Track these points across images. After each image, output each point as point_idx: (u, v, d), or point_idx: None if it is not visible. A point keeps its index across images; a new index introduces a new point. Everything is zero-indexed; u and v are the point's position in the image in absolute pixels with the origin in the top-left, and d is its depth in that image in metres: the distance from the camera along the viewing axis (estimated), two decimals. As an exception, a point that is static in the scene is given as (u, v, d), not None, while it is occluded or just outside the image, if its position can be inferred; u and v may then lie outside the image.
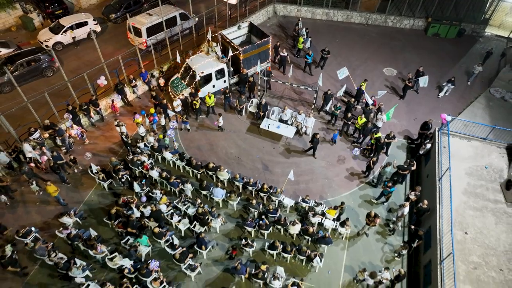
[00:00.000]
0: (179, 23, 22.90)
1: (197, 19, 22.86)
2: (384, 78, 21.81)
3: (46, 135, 16.80)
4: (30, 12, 25.95)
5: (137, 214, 14.27)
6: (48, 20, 26.53)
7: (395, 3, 25.75)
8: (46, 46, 23.76)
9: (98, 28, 25.49)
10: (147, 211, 14.38)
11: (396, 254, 14.18)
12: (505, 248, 12.97)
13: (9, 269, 12.69)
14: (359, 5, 25.61)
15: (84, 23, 24.93)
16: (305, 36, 22.32)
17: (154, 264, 12.83)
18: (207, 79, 18.71)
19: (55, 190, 14.72)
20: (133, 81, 19.63)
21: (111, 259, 13.26)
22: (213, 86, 19.25)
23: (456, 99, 20.61)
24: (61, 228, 14.03)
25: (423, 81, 18.51)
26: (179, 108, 18.30)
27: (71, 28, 24.31)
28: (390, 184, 15.16)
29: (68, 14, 26.90)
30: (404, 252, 13.81)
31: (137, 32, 22.24)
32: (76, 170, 16.42)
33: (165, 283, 12.74)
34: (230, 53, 18.81)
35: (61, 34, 24.05)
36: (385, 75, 22.00)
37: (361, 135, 17.88)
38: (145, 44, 21.95)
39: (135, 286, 12.70)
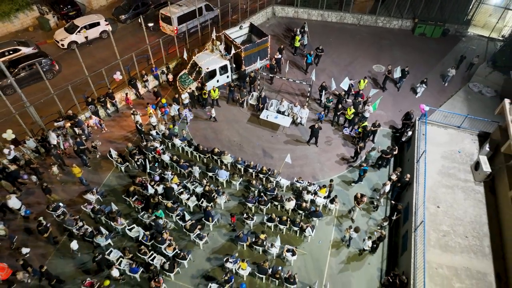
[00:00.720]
0: (204, 13, 25.47)
1: (219, 10, 25.33)
2: (373, 74, 23.84)
3: (68, 124, 18.81)
4: (46, 14, 27.89)
5: (151, 191, 16.31)
6: (62, 20, 28.48)
7: (385, 5, 27.76)
8: (62, 45, 25.84)
9: (109, 28, 27.48)
10: (160, 188, 16.41)
11: (378, 227, 16.20)
12: (471, 219, 14.99)
13: (44, 236, 14.71)
14: (351, 6, 27.57)
15: (97, 24, 26.91)
16: (301, 36, 24.31)
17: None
18: (212, 74, 20.74)
19: (79, 171, 16.75)
20: (145, 76, 21.65)
21: (130, 230, 15.31)
22: (217, 81, 21.28)
23: (438, 93, 22.63)
24: (86, 204, 16.07)
25: (397, 72, 20.86)
26: (187, 101, 20.33)
27: (85, 28, 26.30)
28: (364, 164, 17.29)
29: (80, 15, 28.90)
30: (385, 224, 15.83)
31: (168, 21, 24.76)
32: (97, 155, 18.40)
33: (177, 249, 14.78)
34: (233, 51, 20.83)
35: (76, 34, 26.03)
36: (374, 71, 24.02)
37: (351, 125, 19.90)
38: (176, 31, 24.50)
39: (151, 252, 14.75)
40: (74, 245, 14.68)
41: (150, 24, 27.10)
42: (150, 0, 30.17)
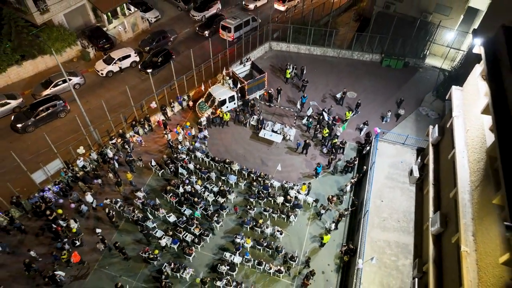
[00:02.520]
0: (251, 24, 35.40)
1: (260, 20, 34.91)
2: (348, 99, 30.65)
3: (119, 140, 25.68)
4: (87, 47, 34.73)
5: (181, 190, 23.18)
6: (99, 52, 35.30)
7: (359, 42, 34.59)
8: (101, 73, 32.68)
9: (137, 59, 34.32)
10: (188, 188, 23.27)
11: (340, 212, 23.04)
12: (403, 209, 21.86)
13: (111, 221, 21.61)
14: (332, 43, 34.38)
15: (128, 56, 33.77)
16: (291, 70, 31.20)
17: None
18: (223, 102, 27.60)
19: (131, 176, 23.63)
20: (172, 103, 28.51)
21: (168, 216, 22.20)
22: (227, 107, 28.13)
23: (395, 116, 29.44)
24: (137, 199, 22.91)
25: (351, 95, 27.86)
26: (204, 122, 27.20)
27: (119, 59, 33.17)
28: (318, 163, 24.20)
29: (113, 46, 35.79)
30: (346, 212, 22.71)
31: (227, 29, 34.37)
32: (140, 165, 25.24)
33: (202, 230, 21.63)
34: (239, 85, 27.69)
35: (112, 65, 32.91)
36: (348, 97, 30.85)
37: (326, 141, 26.76)
38: (232, 37, 34.14)
39: (184, 232, 21.59)
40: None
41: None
42: (169, 33, 37.17)
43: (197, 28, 37.56)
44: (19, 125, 27.03)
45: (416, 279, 18.46)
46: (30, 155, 23.26)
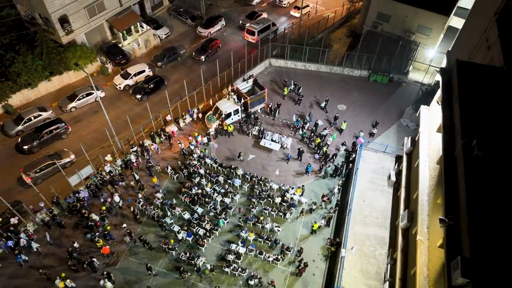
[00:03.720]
0: (272, 28, 41.93)
1: (278, 25, 41.00)
2: (336, 112, 34.70)
3: (139, 149, 29.77)
4: (106, 63, 38.80)
5: (194, 191, 27.25)
6: (116, 66, 39.35)
7: (349, 59, 38.67)
8: (119, 87, 36.72)
9: (151, 73, 38.40)
10: (199, 190, 27.35)
11: (331, 212, 27.09)
12: (382, 208, 25.94)
13: (136, 218, 25.70)
14: (325, 59, 38.46)
15: (142, 71, 37.86)
16: (291, 87, 35.30)
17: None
18: (228, 115, 31.68)
19: (156, 180, 27.73)
20: (184, 115, 32.59)
21: (184, 214, 26.28)
22: (232, 119, 32.21)
23: (380, 126, 33.51)
24: (156, 199, 26.98)
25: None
26: (212, 132, 31.26)
27: (134, 75, 37.25)
28: (309, 163, 28.30)
29: (128, 62, 39.89)
30: (331, 212, 26.80)
31: (252, 33, 40.61)
32: (158, 169, 29.32)
33: (212, 225, 25.71)
34: (243, 100, 31.78)
35: (128, 79, 37.00)
36: (338, 109, 34.93)
37: (318, 149, 30.83)
38: (256, 39, 40.33)
39: (197, 227, 25.67)
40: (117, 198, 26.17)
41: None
42: (178, 49, 41.24)
43: (193, 53, 40.26)
44: (25, 147, 29.69)
45: (389, 265, 22.55)
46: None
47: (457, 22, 36.58)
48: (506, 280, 12.42)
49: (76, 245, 23.90)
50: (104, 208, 25.88)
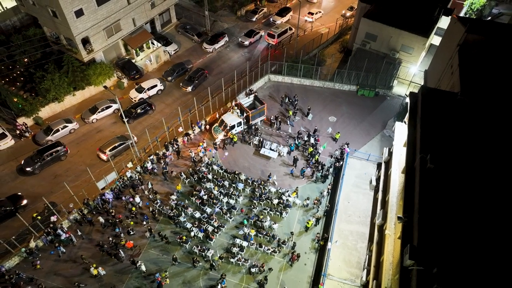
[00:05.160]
0: (289, 32, 49.37)
1: (293, 29, 46.20)
2: (328, 124, 39.23)
3: (155, 157, 34.30)
4: (122, 78, 43.31)
5: (203, 193, 31.79)
6: (130, 81, 43.82)
7: (340, 75, 43.19)
8: (134, 100, 41.20)
9: (162, 87, 42.89)
10: (208, 192, 31.89)
11: (322, 212, 31.58)
12: (364, 208, 30.47)
13: (155, 217, 30.25)
14: (318, 75, 42.99)
15: (155, 85, 42.36)
16: (294, 101, 39.88)
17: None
18: (232, 127, 36.22)
19: (180, 187, 32.21)
20: (193, 126, 37.13)
21: (195, 213, 30.82)
22: (235, 130, 36.75)
23: (365, 136, 38.02)
24: (171, 200, 31.50)
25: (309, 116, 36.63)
26: (218, 142, 35.80)
27: (148, 89, 41.74)
28: (303, 167, 32.88)
29: (141, 76, 44.39)
30: (322, 212, 31.34)
31: (272, 36, 47.62)
32: (172, 174, 33.83)
33: (219, 223, 30.23)
34: (245, 114, 36.33)
35: (143, 93, 41.49)
36: (329, 121, 39.46)
37: (311, 157, 35.37)
38: (276, 41, 47.76)
39: (206, 224, 30.20)
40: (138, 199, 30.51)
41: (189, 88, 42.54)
42: (186, 64, 45.74)
43: (181, 84, 42.53)
44: (28, 169, 32.43)
45: (367, 256, 27.10)
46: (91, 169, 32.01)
47: (437, 40, 41.15)
48: (440, 262, 16.94)
49: (111, 238, 28.44)
50: (134, 209, 30.39)
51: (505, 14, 50.94)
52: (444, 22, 41.54)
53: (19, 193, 30.93)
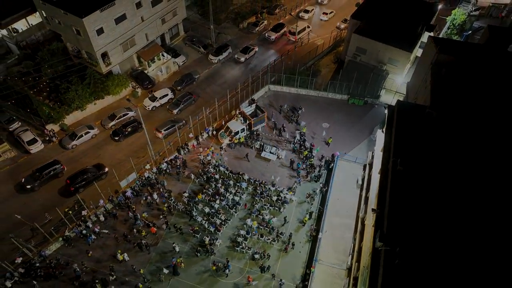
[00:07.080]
0: (306, 30, 57.24)
1: (310, 27, 53.90)
2: (321, 129, 43.94)
3: (169, 159, 39.06)
4: (136, 88, 48.02)
5: (211, 192, 36.54)
6: (144, 90, 48.49)
7: (333, 85, 47.91)
8: (148, 108, 45.89)
9: (172, 96, 47.60)
10: (215, 190, 36.65)
11: (315, 208, 36.31)
12: (351, 204, 35.16)
13: (170, 212, 35.00)
14: (313, 85, 47.72)
15: (166, 95, 47.07)
16: (297, 111, 44.62)
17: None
18: (236, 133, 40.98)
19: (201, 196, 36.95)
20: (202, 132, 41.87)
21: (204, 209, 35.58)
22: (240, 136, 41.50)
23: (355, 140, 42.73)
24: (184, 197, 36.24)
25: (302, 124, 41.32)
26: (224, 146, 40.56)
27: (160, 98, 46.45)
28: (298, 168, 37.62)
29: (153, 86, 49.08)
30: (316, 211, 36.11)
31: (293, 34, 55.20)
32: (184, 175, 38.57)
33: (226, 217, 34.98)
34: (247, 122, 41.10)
35: (155, 102, 46.22)
36: (322, 127, 44.20)
37: (305, 159, 40.12)
38: (296, 38, 55.15)
39: (215, 218, 34.93)
40: (155, 196, 35.20)
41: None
42: (193, 74, 50.44)
43: (167, 107, 45.39)
44: (28, 186, 35.41)
45: (352, 244, 31.83)
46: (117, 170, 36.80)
47: (421, 53, 45.82)
48: (403, 244, 21.63)
49: (135, 232, 33.22)
50: (164, 208, 35.07)
51: (484, 28, 55.60)
52: (426, 37, 46.22)
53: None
